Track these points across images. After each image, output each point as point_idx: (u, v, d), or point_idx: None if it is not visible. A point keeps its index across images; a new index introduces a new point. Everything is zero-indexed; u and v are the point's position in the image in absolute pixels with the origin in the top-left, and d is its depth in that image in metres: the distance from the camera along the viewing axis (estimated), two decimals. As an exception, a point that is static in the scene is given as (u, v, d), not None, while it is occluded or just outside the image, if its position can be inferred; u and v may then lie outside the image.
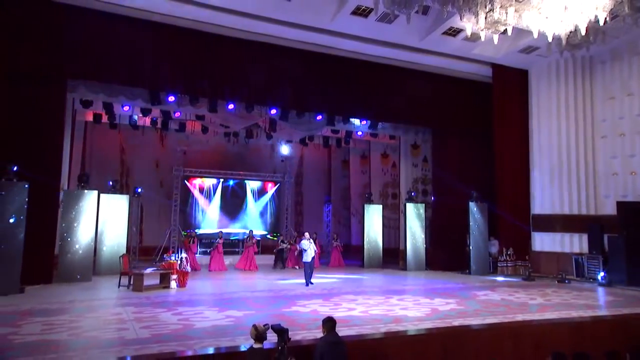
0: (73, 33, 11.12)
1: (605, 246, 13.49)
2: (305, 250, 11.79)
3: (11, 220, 9.53)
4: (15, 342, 5.83)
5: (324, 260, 17.99)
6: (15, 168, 9.71)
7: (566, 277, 13.40)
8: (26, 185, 9.84)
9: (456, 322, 7.38)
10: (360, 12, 12.29)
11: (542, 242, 15.03)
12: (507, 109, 15.53)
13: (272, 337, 5.03)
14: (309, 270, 11.65)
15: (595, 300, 10.04)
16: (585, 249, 14.10)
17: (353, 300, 9.51)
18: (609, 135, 14.41)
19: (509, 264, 14.88)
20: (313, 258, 11.85)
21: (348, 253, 20.49)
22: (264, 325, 5.00)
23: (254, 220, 19.85)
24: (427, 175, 18.02)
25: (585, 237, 14.17)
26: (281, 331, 5.08)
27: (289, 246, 16.69)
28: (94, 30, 11.35)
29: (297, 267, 15.93)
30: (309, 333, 6.43)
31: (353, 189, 20.92)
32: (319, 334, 6.35)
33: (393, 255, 17.90)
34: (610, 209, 13.86)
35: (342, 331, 6.66)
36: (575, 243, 14.48)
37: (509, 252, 14.99)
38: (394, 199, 19.45)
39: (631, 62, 13.94)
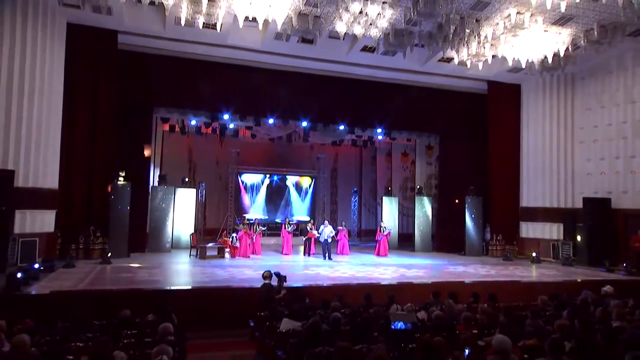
0: (157, 75, 15.48)
1: (575, 234, 16.30)
2: (321, 233, 15.69)
3: (122, 210, 14.18)
4: (136, 279, 10.35)
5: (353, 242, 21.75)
6: (123, 173, 14.32)
7: (540, 259, 16.38)
8: (129, 185, 14.44)
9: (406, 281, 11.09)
10: (368, 49, 15.69)
11: (528, 230, 17.96)
12: (501, 118, 18.39)
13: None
14: (325, 248, 15.51)
15: (531, 273, 13.17)
16: (562, 236, 16.94)
17: (350, 268, 13.31)
18: (585, 141, 16.98)
19: (498, 248, 17.94)
20: (326, 240, 15.63)
21: (374, 237, 24.11)
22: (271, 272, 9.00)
23: (294, 209, 23.91)
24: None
25: (561, 226, 16.99)
26: (279, 275, 9.07)
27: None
28: (170, 71, 15.57)
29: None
30: (303, 283, 10.35)
31: (379, 182, 24.44)
32: (311, 282, 10.29)
33: (408, 240, 21.30)
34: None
35: (327, 282, 10.55)
36: (554, 231, 17.30)
37: (498, 238, 18.04)
38: (412, 191, 22.79)
39: (604, 79, 16.39)
